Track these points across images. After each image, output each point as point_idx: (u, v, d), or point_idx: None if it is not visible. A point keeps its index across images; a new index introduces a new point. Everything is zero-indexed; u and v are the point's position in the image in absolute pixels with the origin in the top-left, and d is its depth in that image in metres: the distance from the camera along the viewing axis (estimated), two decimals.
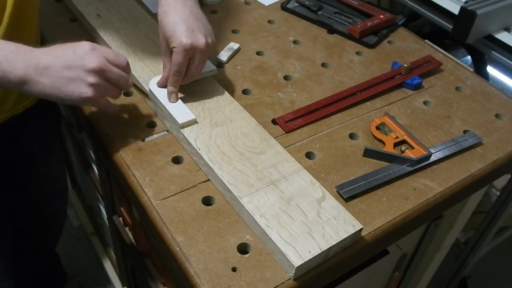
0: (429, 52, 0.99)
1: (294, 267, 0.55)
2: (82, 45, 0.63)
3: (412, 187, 0.71)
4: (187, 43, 0.69)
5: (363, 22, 1.02)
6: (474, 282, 1.59)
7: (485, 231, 1.18)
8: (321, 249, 0.57)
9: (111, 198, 0.99)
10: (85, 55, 0.62)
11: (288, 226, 0.59)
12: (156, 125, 0.75)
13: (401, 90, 0.89)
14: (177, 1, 0.72)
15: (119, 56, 0.66)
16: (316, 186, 0.65)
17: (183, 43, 0.69)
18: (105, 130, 0.73)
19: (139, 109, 0.78)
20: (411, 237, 0.93)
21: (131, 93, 0.80)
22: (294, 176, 0.66)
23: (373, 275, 0.85)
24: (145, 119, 0.76)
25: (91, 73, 0.62)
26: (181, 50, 0.69)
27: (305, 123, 0.79)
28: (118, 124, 0.74)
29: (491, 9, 1.05)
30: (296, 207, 0.62)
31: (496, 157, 0.77)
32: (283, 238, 0.58)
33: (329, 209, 0.62)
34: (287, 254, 0.56)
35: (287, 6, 1.07)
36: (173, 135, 0.74)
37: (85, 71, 0.61)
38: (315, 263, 0.58)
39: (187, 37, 0.69)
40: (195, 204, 0.64)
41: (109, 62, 0.64)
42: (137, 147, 0.71)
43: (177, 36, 0.69)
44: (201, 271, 0.57)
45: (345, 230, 0.60)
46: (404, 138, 0.77)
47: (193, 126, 0.72)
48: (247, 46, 0.95)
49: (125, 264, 1.13)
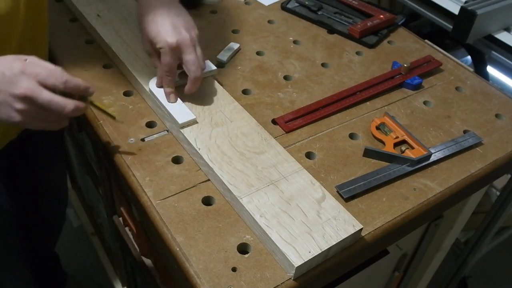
0: (429, 52, 0.99)
1: (294, 267, 0.55)
2: (13, 64, 0.56)
3: (412, 187, 0.71)
4: (173, 42, 0.68)
5: (363, 22, 1.02)
6: (474, 282, 1.59)
7: (485, 231, 1.18)
8: (321, 249, 0.57)
9: (111, 198, 0.99)
10: (14, 78, 0.55)
11: (288, 226, 0.59)
12: (156, 125, 0.75)
13: (401, 90, 0.89)
14: (157, 1, 0.71)
15: (56, 74, 0.58)
16: (316, 186, 0.65)
17: (168, 43, 0.68)
18: (105, 130, 0.73)
19: (139, 109, 0.78)
20: (411, 237, 0.93)
21: (131, 93, 0.80)
22: (294, 176, 0.66)
23: (373, 275, 0.85)
24: (145, 119, 0.76)
25: (18, 100, 0.56)
26: (168, 50, 0.69)
27: (305, 123, 0.79)
28: (118, 124, 0.74)
29: (491, 9, 1.05)
30: (296, 207, 0.62)
31: (496, 157, 0.77)
32: (283, 238, 0.58)
33: (329, 209, 0.62)
34: (287, 254, 0.56)
35: (287, 6, 1.07)
36: (173, 135, 0.74)
37: (12, 97, 0.55)
38: (315, 263, 0.58)
39: (171, 36, 0.68)
40: (195, 204, 0.64)
41: (43, 84, 0.57)
42: (137, 147, 0.71)
43: (162, 37, 0.69)
44: (201, 271, 0.57)
45: (345, 230, 0.60)
46: (404, 138, 0.77)
47: (193, 126, 0.72)
48: (247, 46, 0.95)
49: (125, 264, 1.13)
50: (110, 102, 0.78)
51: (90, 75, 0.82)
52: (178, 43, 0.69)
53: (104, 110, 0.68)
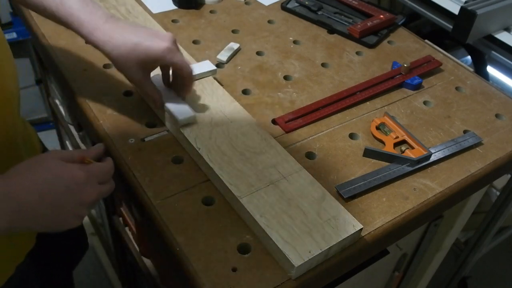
0: (429, 52, 0.99)
1: (294, 267, 0.55)
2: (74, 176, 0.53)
3: (412, 187, 0.71)
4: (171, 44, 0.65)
5: (363, 22, 1.02)
6: (474, 282, 1.59)
7: (485, 231, 1.18)
8: (321, 249, 0.57)
9: (111, 198, 0.99)
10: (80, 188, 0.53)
11: (288, 226, 0.59)
12: (156, 125, 0.75)
13: (401, 90, 0.89)
14: (114, 30, 0.64)
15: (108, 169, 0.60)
16: (316, 186, 0.65)
17: (168, 46, 0.64)
18: (105, 130, 0.73)
19: (139, 109, 0.78)
20: (411, 237, 0.93)
21: (131, 92, 0.80)
22: (294, 176, 0.66)
23: (373, 275, 0.85)
24: (145, 119, 0.76)
25: (85, 206, 0.55)
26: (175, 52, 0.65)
27: (305, 123, 0.79)
28: (118, 124, 0.74)
29: (491, 9, 1.05)
30: (296, 207, 0.62)
31: (496, 157, 0.77)
32: (283, 238, 0.58)
33: (329, 209, 0.62)
34: (287, 254, 0.56)
35: (287, 6, 1.07)
36: (173, 135, 0.74)
37: (81, 205, 0.54)
38: (315, 263, 0.58)
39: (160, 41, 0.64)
40: (195, 204, 0.64)
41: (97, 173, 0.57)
42: (137, 147, 0.71)
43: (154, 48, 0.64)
44: (201, 271, 0.57)
45: (345, 230, 0.60)
46: (404, 138, 0.77)
47: (193, 126, 0.72)
48: (247, 46, 0.95)
49: (125, 264, 1.13)
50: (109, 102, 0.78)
51: (90, 75, 0.82)
52: (173, 42, 0.66)
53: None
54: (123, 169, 0.68)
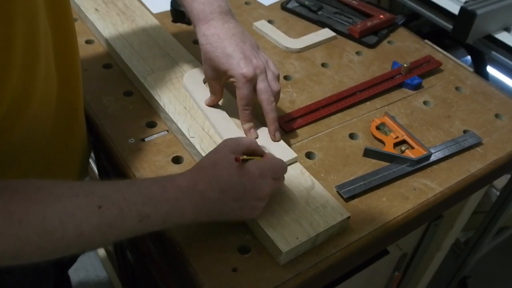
0: (429, 52, 0.99)
1: (282, 253, 0.57)
2: (250, 174, 0.56)
3: (412, 187, 0.71)
4: (249, 74, 0.66)
5: (363, 22, 1.02)
6: (474, 282, 1.59)
7: (485, 231, 1.18)
8: (308, 235, 0.59)
9: None
10: (256, 183, 0.56)
11: (277, 213, 0.61)
12: (156, 125, 0.75)
13: (401, 90, 0.89)
14: (219, 28, 0.68)
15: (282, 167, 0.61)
16: (305, 176, 0.67)
17: (244, 75, 0.65)
18: (105, 130, 0.73)
19: (139, 109, 0.78)
20: (411, 237, 0.93)
21: (131, 92, 0.80)
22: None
23: (373, 275, 0.85)
24: (145, 119, 0.76)
25: (262, 200, 0.58)
26: (244, 82, 0.66)
27: (305, 123, 0.79)
28: (118, 124, 0.74)
29: (491, 9, 1.05)
30: (286, 195, 0.63)
31: (496, 157, 0.77)
32: (272, 225, 0.59)
33: (318, 197, 0.64)
34: (275, 240, 0.57)
35: (287, 6, 1.07)
36: (173, 135, 0.74)
37: (257, 200, 0.57)
38: (302, 249, 0.60)
39: (246, 67, 0.65)
40: None
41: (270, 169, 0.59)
42: (137, 147, 0.71)
43: (236, 70, 0.66)
44: (201, 271, 0.57)
45: (333, 218, 0.61)
46: (404, 138, 0.77)
47: (187, 118, 0.72)
48: None
49: (125, 264, 1.13)
50: (109, 101, 0.78)
51: (90, 75, 0.82)
52: (254, 74, 0.66)
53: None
54: (123, 169, 0.68)
